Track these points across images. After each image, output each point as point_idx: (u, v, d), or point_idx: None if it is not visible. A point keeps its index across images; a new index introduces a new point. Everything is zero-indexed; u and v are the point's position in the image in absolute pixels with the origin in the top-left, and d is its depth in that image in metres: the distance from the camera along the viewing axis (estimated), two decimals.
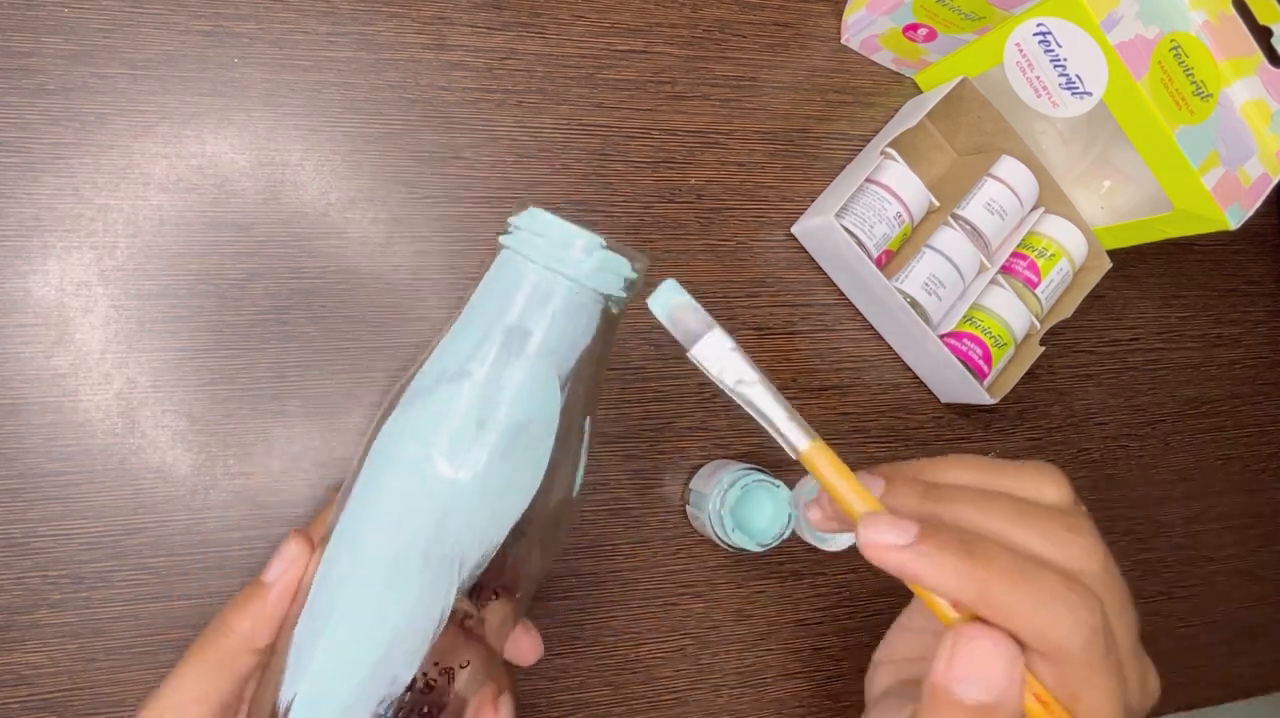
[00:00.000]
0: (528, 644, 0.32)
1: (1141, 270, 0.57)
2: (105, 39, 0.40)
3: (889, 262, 0.48)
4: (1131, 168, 0.46)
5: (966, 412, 0.52)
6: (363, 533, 0.26)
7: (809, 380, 0.49)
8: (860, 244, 0.46)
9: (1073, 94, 0.45)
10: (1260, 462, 0.60)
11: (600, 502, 0.45)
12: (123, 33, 0.40)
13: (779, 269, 0.49)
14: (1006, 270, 0.50)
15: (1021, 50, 0.45)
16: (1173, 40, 0.42)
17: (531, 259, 0.26)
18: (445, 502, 0.26)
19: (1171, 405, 0.58)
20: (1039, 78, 0.45)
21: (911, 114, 0.48)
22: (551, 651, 0.44)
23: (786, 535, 0.43)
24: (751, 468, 0.43)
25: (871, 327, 0.51)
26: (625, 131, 0.46)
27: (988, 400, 0.48)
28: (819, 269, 0.50)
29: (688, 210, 0.47)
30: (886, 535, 0.23)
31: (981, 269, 0.49)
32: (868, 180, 0.48)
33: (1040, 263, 0.50)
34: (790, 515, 0.44)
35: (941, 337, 0.48)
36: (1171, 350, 0.58)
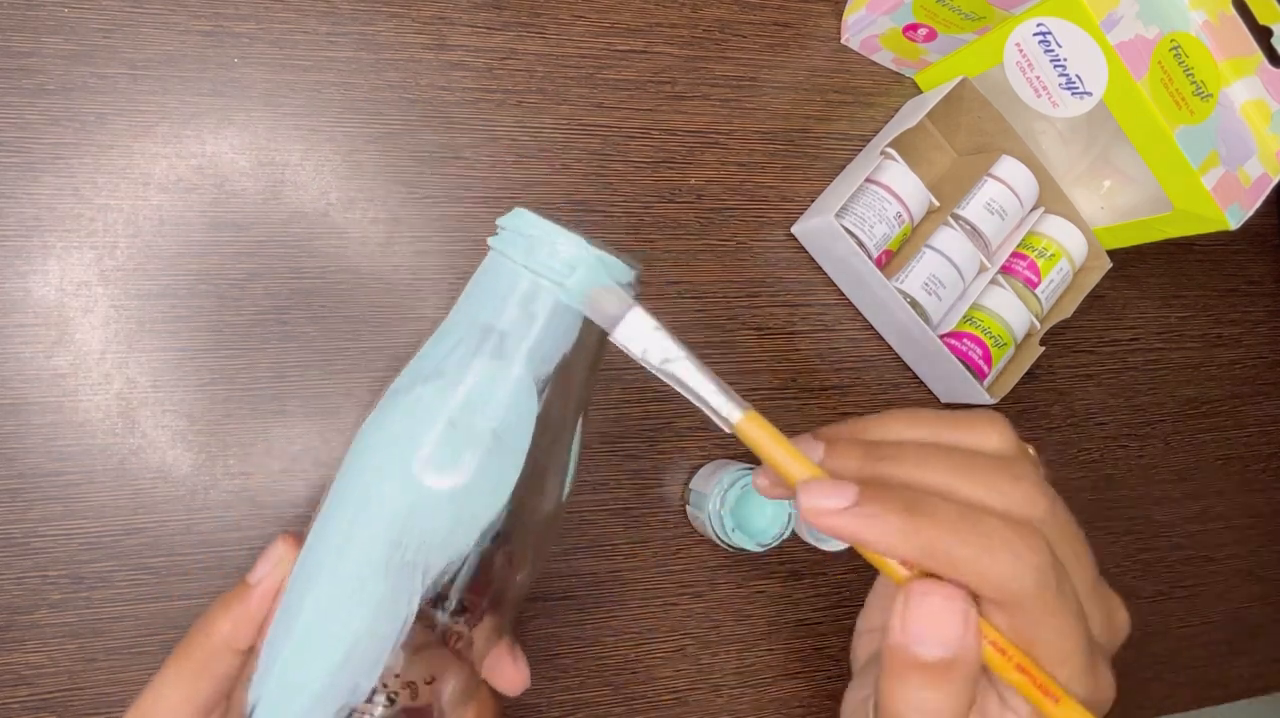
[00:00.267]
0: (512, 672, 0.30)
1: (1141, 270, 0.57)
2: (105, 39, 0.40)
3: (889, 262, 0.48)
4: (1131, 168, 0.46)
5: None
6: (330, 535, 0.26)
7: (809, 380, 0.49)
8: (860, 244, 0.46)
9: (1073, 94, 0.45)
10: (1260, 462, 0.60)
11: (600, 502, 0.45)
12: (123, 33, 0.40)
13: (779, 269, 0.49)
14: (1006, 270, 0.50)
15: (1021, 50, 0.45)
16: (1173, 40, 0.42)
17: (512, 259, 0.26)
18: (410, 504, 0.25)
19: (1171, 405, 0.58)
20: (1039, 78, 0.45)
21: (911, 114, 0.48)
22: (551, 651, 0.44)
23: (786, 536, 0.43)
24: (751, 468, 0.43)
25: (871, 327, 0.51)
26: (625, 131, 0.46)
27: (988, 400, 0.48)
28: (819, 269, 0.50)
29: (688, 210, 0.47)
30: (827, 500, 0.23)
31: (981, 269, 0.49)
32: (868, 180, 0.48)
33: (1040, 263, 0.50)
34: (790, 515, 0.44)
35: (941, 337, 0.48)
36: (1171, 350, 0.58)
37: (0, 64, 0.38)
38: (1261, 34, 0.44)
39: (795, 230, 0.49)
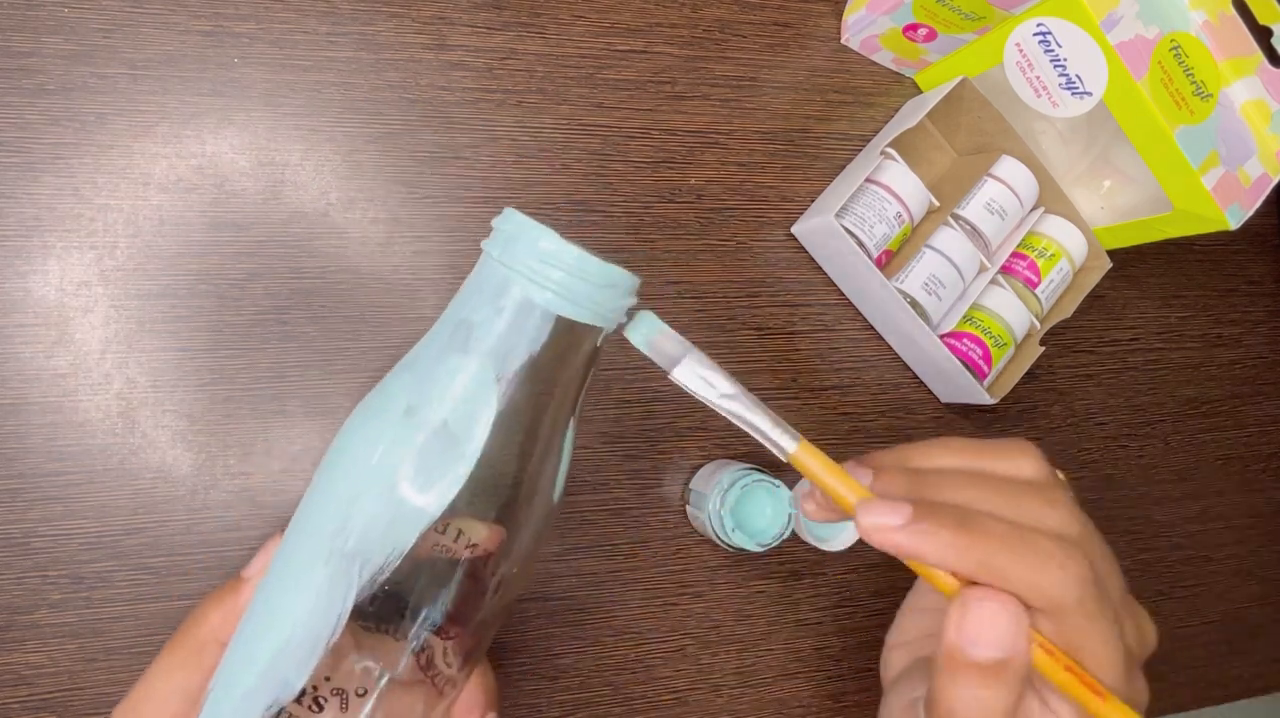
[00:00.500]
0: (477, 698, 0.29)
1: (1141, 270, 0.57)
2: (105, 39, 0.40)
3: (889, 262, 0.48)
4: (1131, 168, 0.46)
5: (966, 412, 0.52)
6: (293, 524, 0.26)
7: (809, 380, 0.49)
8: (860, 244, 0.46)
9: (1073, 94, 0.45)
10: (1260, 462, 0.60)
11: (600, 502, 0.45)
12: (123, 33, 0.40)
13: (779, 269, 0.49)
14: (1006, 270, 0.50)
15: (1021, 50, 0.45)
16: (1173, 40, 0.42)
17: (492, 255, 0.26)
18: (353, 489, 0.25)
19: (1171, 405, 0.58)
20: (1039, 78, 0.45)
21: (911, 114, 0.48)
22: (551, 651, 0.44)
23: (786, 536, 0.43)
24: (751, 468, 0.43)
25: (871, 327, 0.51)
26: (625, 131, 0.46)
27: (988, 400, 0.48)
28: (819, 269, 0.50)
29: (688, 210, 0.47)
30: (885, 518, 0.24)
31: (981, 269, 0.49)
32: (868, 180, 0.48)
33: (1040, 263, 0.50)
34: (790, 515, 0.44)
35: (941, 337, 0.48)
36: (1171, 350, 0.58)
37: (0, 64, 0.38)
38: (1261, 34, 0.44)
39: (795, 230, 0.49)
